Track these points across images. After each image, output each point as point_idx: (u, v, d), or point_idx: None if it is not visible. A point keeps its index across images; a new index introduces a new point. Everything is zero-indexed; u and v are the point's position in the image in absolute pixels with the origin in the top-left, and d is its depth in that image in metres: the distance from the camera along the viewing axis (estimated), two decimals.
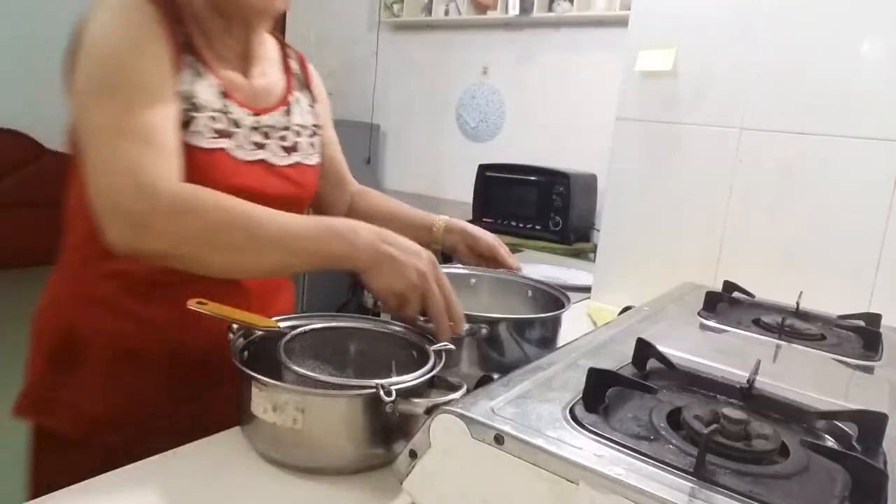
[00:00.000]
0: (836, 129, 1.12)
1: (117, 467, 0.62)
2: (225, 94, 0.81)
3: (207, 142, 0.77)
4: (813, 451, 0.53)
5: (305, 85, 0.98)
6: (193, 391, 0.86)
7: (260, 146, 0.84)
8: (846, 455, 0.50)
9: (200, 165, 0.76)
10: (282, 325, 0.77)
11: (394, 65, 3.91)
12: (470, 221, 1.01)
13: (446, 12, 3.62)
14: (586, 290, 1.52)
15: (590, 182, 2.90)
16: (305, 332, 0.78)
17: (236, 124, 0.81)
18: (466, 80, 3.60)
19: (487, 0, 3.38)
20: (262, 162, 0.84)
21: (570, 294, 1.72)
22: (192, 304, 0.71)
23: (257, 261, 0.71)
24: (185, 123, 0.76)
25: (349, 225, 0.71)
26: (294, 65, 0.97)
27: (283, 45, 0.97)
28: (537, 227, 2.78)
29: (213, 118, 0.78)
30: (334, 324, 0.82)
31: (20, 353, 0.94)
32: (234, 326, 0.74)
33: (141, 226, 0.68)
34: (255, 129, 0.84)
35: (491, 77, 3.53)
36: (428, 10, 3.68)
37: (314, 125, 0.97)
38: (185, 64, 0.77)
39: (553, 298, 1.02)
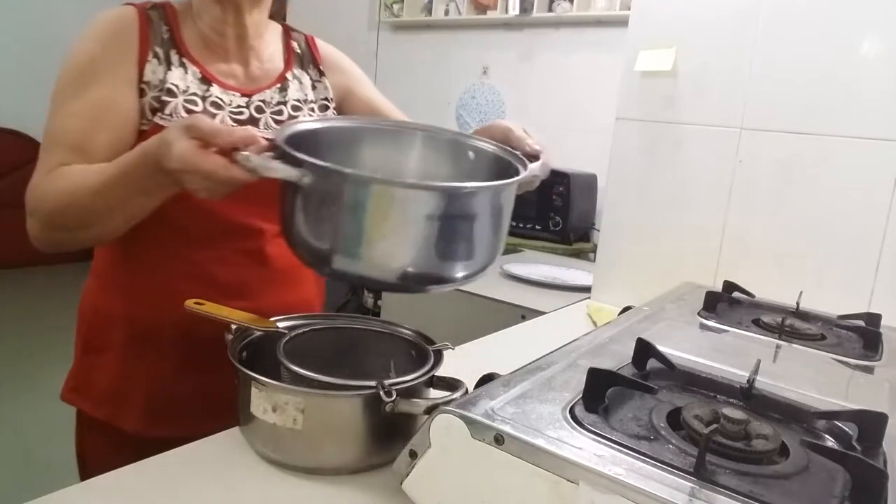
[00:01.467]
0: (836, 129, 1.12)
1: (136, 451, 0.65)
2: (206, 80, 0.88)
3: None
4: (813, 451, 0.52)
5: (312, 62, 1.02)
6: (207, 373, 0.86)
7: (251, 122, 0.90)
8: (846, 455, 0.50)
9: None
10: (281, 325, 0.77)
11: (394, 65, 3.91)
12: None
13: (446, 12, 3.62)
14: (586, 290, 1.52)
15: (590, 182, 2.90)
16: (305, 332, 0.78)
17: (219, 105, 0.88)
18: (466, 80, 3.60)
19: (487, 0, 3.38)
20: None
21: (570, 294, 1.74)
22: (190, 305, 0.72)
23: (109, 226, 0.76)
24: (159, 108, 0.84)
25: (148, 162, 0.68)
26: (297, 45, 1.02)
27: (287, 29, 1.03)
28: (537, 227, 2.78)
29: (191, 101, 0.86)
30: (334, 324, 0.82)
31: (21, 352, 0.95)
32: (233, 326, 0.74)
33: (28, 227, 0.80)
34: (244, 107, 0.91)
35: (491, 77, 3.52)
36: (428, 10, 3.68)
37: (324, 99, 1.01)
38: (157, 56, 0.85)
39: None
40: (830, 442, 0.58)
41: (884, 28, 1.07)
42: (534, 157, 0.80)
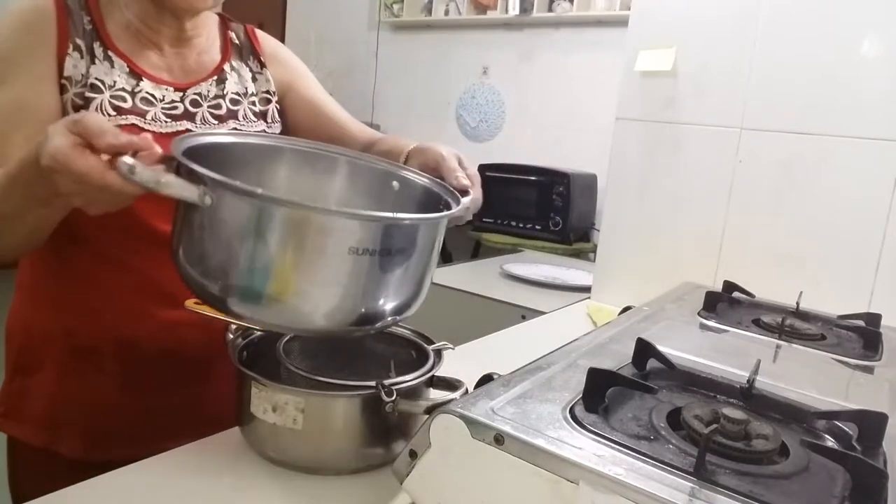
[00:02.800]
0: (836, 129, 1.12)
1: (75, 479, 0.61)
2: (135, 74, 0.82)
3: (109, 120, 0.78)
4: (813, 451, 0.52)
5: (252, 53, 0.97)
6: (152, 391, 0.84)
7: (186, 117, 0.85)
8: (846, 455, 0.50)
9: None
10: None
11: (394, 65, 3.91)
12: (469, 221, 0.77)
13: (446, 12, 3.62)
14: (586, 290, 1.52)
15: (590, 182, 2.90)
16: None
17: (150, 101, 0.82)
18: (466, 80, 3.60)
19: (487, 0, 3.39)
20: (186, 132, 0.83)
21: (570, 294, 1.74)
22: (190, 305, 0.72)
23: (9, 241, 0.70)
24: (83, 105, 0.78)
25: (33, 162, 0.58)
26: (235, 36, 0.96)
27: (224, 19, 0.97)
28: (537, 227, 2.78)
29: (119, 97, 0.80)
30: None
31: None
32: (233, 326, 0.74)
33: None
34: (178, 102, 0.85)
35: (491, 77, 3.53)
36: (428, 10, 3.68)
37: (265, 92, 0.95)
38: (79, 49, 0.79)
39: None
40: (830, 442, 0.58)
41: (884, 28, 1.07)
42: (463, 191, 0.74)
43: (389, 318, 0.62)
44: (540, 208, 2.77)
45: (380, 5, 3.86)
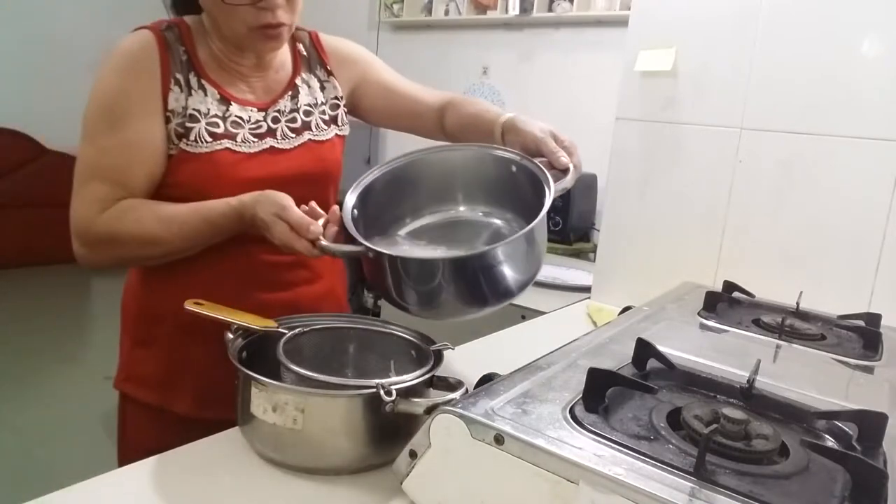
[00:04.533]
0: (836, 129, 1.12)
1: (184, 431, 0.70)
2: (225, 100, 0.90)
3: (207, 146, 0.88)
4: (813, 451, 0.53)
5: (319, 62, 1.03)
6: None
7: (269, 134, 0.93)
8: (846, 455, 0.50)
9: (205, 167, 0.87)
10: (281, 325, 0.77)
11: (394, 65, 3.90)
12: None
13: (446, 12, 3.62)
14: (586, 290, 1.52)
15: (590, 182, 2.89)
16: (305, 332, 0.78)
17: (238, 124, 0.91)
18: (466, 80, 3.60)
19: (487, 0, 3.38)
20: (270, 149, 0.93)
21: (570, 294, 1.74)
22: (190, 305, 0.72)
23: (181, 255, 0.88)
24: (184, 134, 0.87)
25: (244, 221, 0.83)
26: (303, 47, 1.02)
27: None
28: None
29: (213, 123, 0.88)
30: (334, 324, 0.82)
31: (20, 351, 0.94)
32: (233, 327, 0.74)
33: (82, 254, 0.87)
34: (262, 121, 0.93)
35: (491, 77, 3.52)
36: (428, 10, 3.68)
37: (334, 98, 1.03)
38: (178, 83, 0.87)
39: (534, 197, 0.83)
40: (830, 442, 0.58)
41: (884, 28, 1.07)
42: (565, 168, 0.87)
43: (519, 291, 0.85)
44: None
45: (380, 5, 3.86)
